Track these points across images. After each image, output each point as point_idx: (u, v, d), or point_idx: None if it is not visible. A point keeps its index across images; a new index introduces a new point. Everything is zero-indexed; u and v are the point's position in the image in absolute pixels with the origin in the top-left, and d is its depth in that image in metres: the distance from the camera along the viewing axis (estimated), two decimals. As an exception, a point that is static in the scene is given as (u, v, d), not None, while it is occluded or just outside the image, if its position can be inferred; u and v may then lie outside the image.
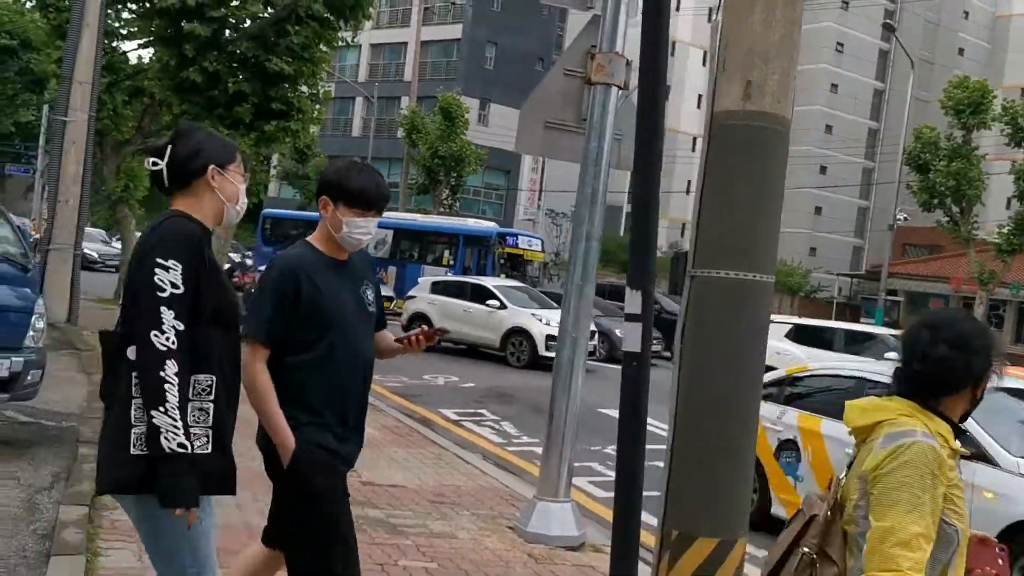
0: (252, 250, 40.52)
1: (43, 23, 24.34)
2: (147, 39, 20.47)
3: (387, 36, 63.00)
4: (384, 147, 55.78)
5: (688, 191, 64.47)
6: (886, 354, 16.76)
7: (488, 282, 22.72)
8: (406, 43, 59.87)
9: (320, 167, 46.82)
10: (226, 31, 18.59)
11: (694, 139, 66.91)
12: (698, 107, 67.82)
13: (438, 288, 22.41)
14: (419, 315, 21.38)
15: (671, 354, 22.14)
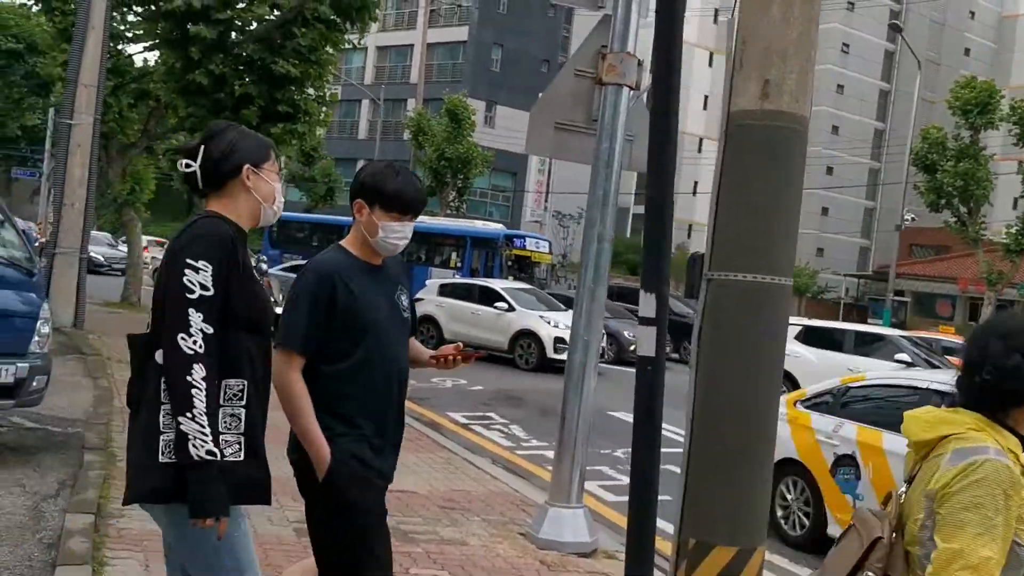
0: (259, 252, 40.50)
1: (49, 26, 24.31)
2: (153, 42, 20.41)
3: (393, 38, 63.04)
4: (390, 149, 55.75)
5: (695, 192, 64.39)
6: (896, 355, 16.68)
7: (496, 284, 22.61)
8: (412, 45, 59.95)
9: (327, 170, 46.82)
10: (232, 33, 18.53)
11: (700, 140, 66.82)
12: (704, 108, 67.76)
13: (446, 290, 22.30)
14: (427, 318, 21.23)
15: (679, 355, 22.06)
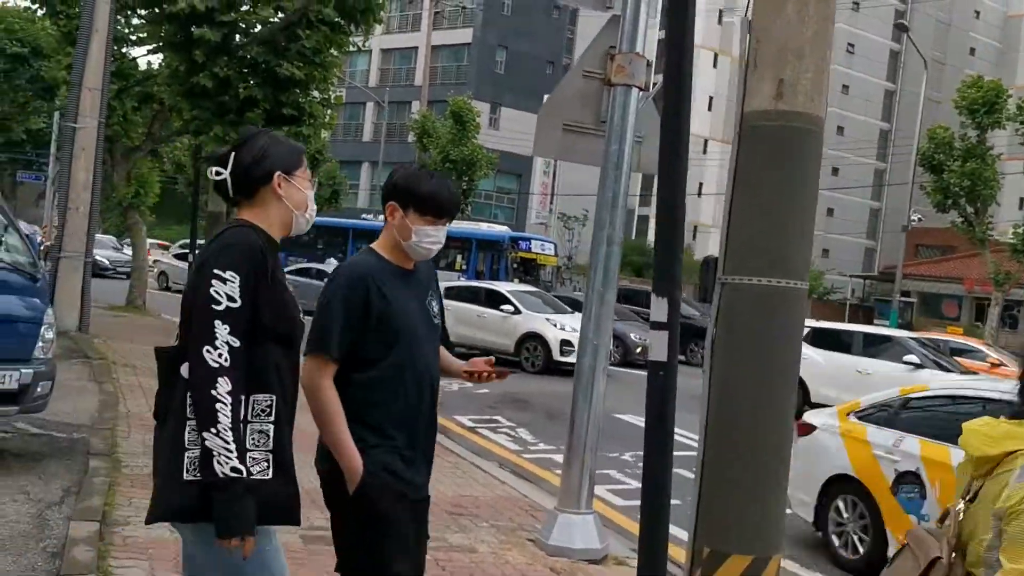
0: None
1: (53, 30, 24.31)
2: (157, 44, 20.37)
3: (398, 41, 63.07)
4: (395, 152, 55.76)
5: (699, 194, 64.30)
6: (904, 357, 16.56)
7: (502, 287, 22.50)
8: (416, 48, 59.98)
9: (331, 172, 46.79)
10: (236, 36, 18.45)
11: (705, 141, 66.71)
12: (709, 109, 67.69)
13: (451, 293, 22.19)
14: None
15: (685, 357, 21.94)
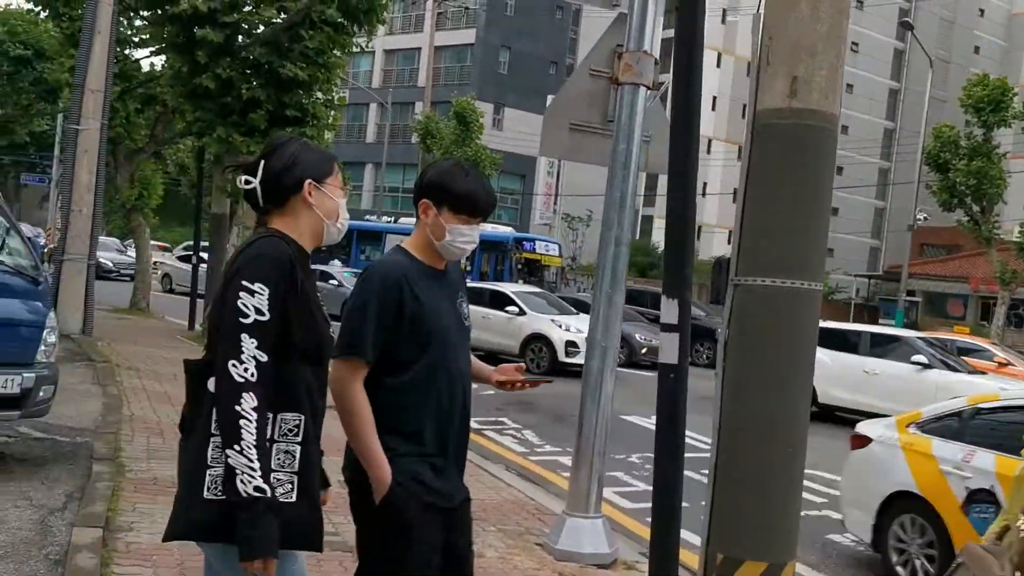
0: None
1: (56, 32, 24.24)
2: (159, 46, 20.28)
3: (401, 42, 63.03)
4: (398, 152, 55.76)
5: (704, 193, 64.19)
6: (912, 357, 16.45)
7: (507, 288, 22.43)
8: (420, 48, 59.93)
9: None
10: (239, 37, 18.37)
11: (709, 141, 66.62)
12: (712, 109, 67.56)
13: (455, 294, 22.12)
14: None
15: (691, 357, 21.90)
